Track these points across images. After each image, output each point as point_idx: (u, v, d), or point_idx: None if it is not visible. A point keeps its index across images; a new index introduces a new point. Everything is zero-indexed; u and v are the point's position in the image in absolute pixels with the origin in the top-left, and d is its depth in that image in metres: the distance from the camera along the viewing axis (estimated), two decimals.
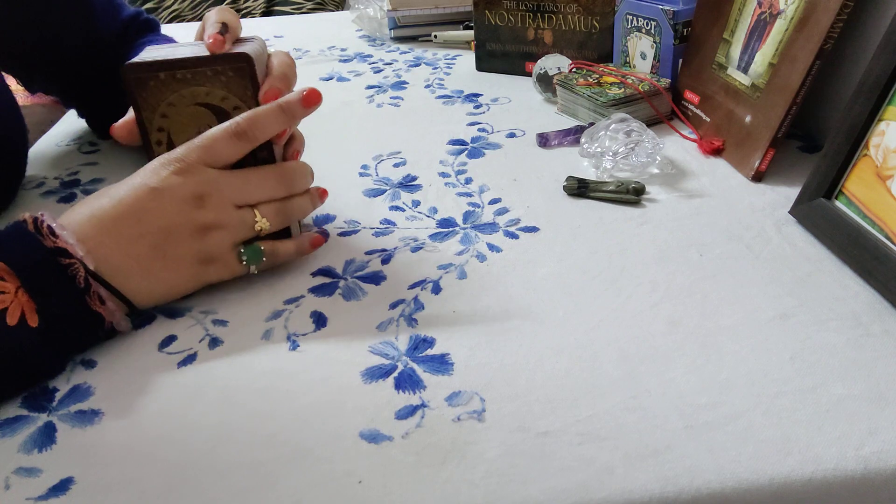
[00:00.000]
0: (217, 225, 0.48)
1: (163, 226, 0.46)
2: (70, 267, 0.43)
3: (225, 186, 0.48)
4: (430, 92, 0.93)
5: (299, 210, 0.53)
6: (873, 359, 0.43)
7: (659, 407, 0.40)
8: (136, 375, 0.44)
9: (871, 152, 0.52)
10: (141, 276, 0.47)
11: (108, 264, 0.45)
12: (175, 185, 0.47)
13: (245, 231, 0.50)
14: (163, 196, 0.46)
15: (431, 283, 0.52)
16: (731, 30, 0.72)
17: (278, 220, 0.51)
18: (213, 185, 0.48)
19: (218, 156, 0.48)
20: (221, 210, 0.48)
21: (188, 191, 0.47)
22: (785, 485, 0.35)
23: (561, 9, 0.90)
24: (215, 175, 0.48)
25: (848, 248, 0.52)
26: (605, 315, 0.48)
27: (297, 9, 1.96)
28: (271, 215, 0.51)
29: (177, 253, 0.47)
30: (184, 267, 0.48)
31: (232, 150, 0.49)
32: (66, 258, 0.43)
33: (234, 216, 0.49)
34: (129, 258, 0.46)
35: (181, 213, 0.47)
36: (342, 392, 0.42)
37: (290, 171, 0.52)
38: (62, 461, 0.38)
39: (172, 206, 0.47)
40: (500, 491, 0.35)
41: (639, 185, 0.62)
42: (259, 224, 0.50)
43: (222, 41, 0.50)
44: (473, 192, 0.65)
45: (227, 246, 0.49)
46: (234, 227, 0.49)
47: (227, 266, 0.50)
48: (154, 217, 0.46)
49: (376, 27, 1.20)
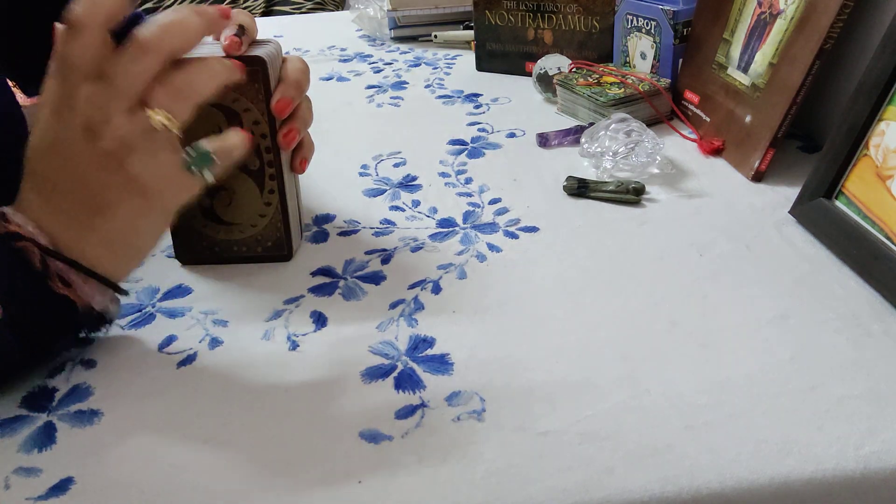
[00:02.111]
0: (121, 146, 0.41)
1: (77, 179, 0.41)
2: (23, 250, 0.40)
3: (100, 98, 0.41)
4: (430, 92, 0.93)
5: (200, 74, 0.43)
6: (873, 359, 0.43)
7: (659, 407, 0.40)
8: (136, 375, 0.44)
9: (871, 152, 0.52)
10: (94, 240, 0.43)
11: (62, 238, 0.42)
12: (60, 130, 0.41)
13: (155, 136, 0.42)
14: (58, 149, 0.41)
15: (431, 283, 0.52)
16: (731, 30, 0.72)
17: (179, 102, 0.42)
18: (90, 104, 0.41)
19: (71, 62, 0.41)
20: (115, 127, 0.41)
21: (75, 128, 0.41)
22: (785, 485, 0.35)
23: (561, 9, 0.90)
24: (87, 91, 0.41)
25: (848, 247, 0.52)
26: (605, 315, 0.48)
27: (296, 9, 1.97)
28: (163, 100, 0.41)
29: (108, 198, 0.42)
30: (127, 211, 0.43)
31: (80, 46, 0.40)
32: (19, 241, 0.40)
33: (131, 126, 0.41)
34: (73, 226, 0.42)
35: (82, 155, 0.41)
36: (342, 392, 0.42)
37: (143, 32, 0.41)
38: (62, 461, 0.38)
39: (72, 154, 0.41)
40: (500, 491, 0.35)
41: (639, 185, 0.62)
42: (158, 119, 0.41)
43: (239, 43, 0.49)
44: (473, 192, 0.65)
45: (152, 162, 0.42)
46: (137, 138, 0.41)
47: (170, 185, 0.43)
48: (66, 174, 0.42)
49: (376, 27, 1.20)
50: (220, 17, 0.44)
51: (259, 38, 0.53)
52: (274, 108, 0.50)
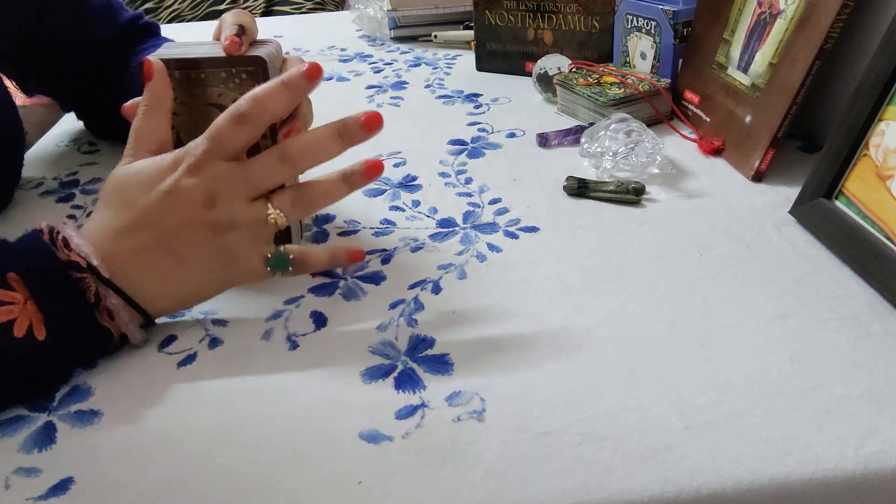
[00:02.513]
0: (230, 223, 0.46)
1: (177, 229, 0.45)
2: (81, 281, 0.43)
3: (231, 179, 0.46)
4: (430, 92, 0.93)
5: (321, 195, 0.48)
6: (873, 359, 0.43)
7: (659, 407, 0.40)
8: (136, 375, 0.44)
9: (871, 152, 0.52)
10: (159, 283, 0.46)
11: (123, 272, 0.44)
12: (186, 186, 0.45)
13: (260, 226, 0.46)
14: (175, 199, 0.45)
15: (431, 283, 0.52)
16: (731, 30, 0.72)
17: (295, 208, 0.47)
18: (221, 180, 0.46)
19: (226, 145, 0.46)
20: (233, 206, 0.46)
21: (199, 191, 0.45)
22: (785, 485, 0.35)
23: (561, 9, 0.90)
24: (224, 169, 0.46)
25: (848, 248, 0.52)
26: (605, 315, 0.48)
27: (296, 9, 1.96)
28: (285, 205, 0.47)
29: (193, 255, 0.46)
30: (202, 269, 0.47)
31: (239, 136, 0.46)
32: (77, 271, 0.42)
33: (247, 212, 0.46)
34: (146, 265, 0.45)
35: (194, 215, 0.45)
36: (342, 392, 0.42)
37: (290, 146, 0.47)
38: (62, 461, 0.38)
39: (185, 208, 0.45)
40: (500, 491, 0.35)
41: (639, 185, 0.62)
42: (272, 216, 0.46)
43: (239, 43, 0.49)
44: (473, 192, 0.65)
45: (247, 245, 0.47)
46: (247, 223, 0.46)
47: (249, 268, 0.47)
48: (168, 221, 0.45)
49: (376, 27, 1.20)
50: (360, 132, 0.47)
51: (259, 38, 0.53)
52: None
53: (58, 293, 0.42)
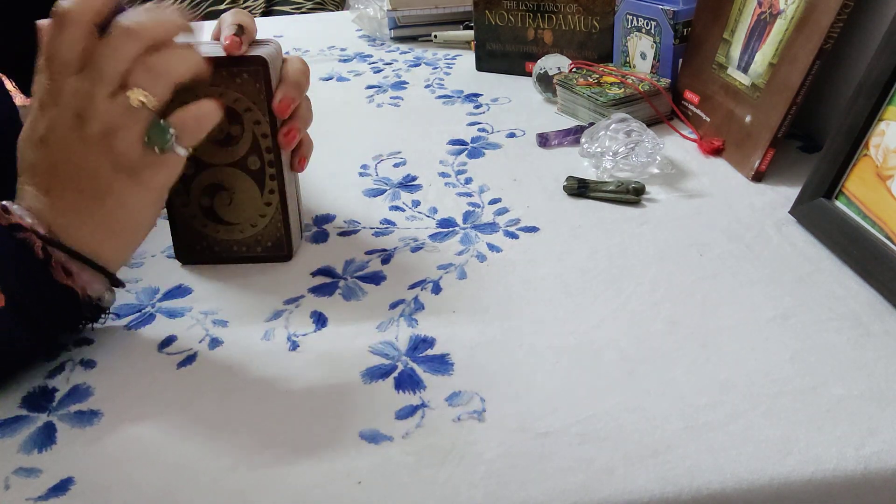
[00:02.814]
0: (106, 128, 0.43)
1: (71, 167, 0.43)
2: (27, 240, 0.41)
3: (84, 86, 0.42)
4: (430, 92, 0.93)
5: (177, 55, 0.44)
6: (873, 359, 0.43)
7: (659, 407, 0.40)
8: (135, 376, 0.44)
9: (871, 152, 0.52)
10: (91, 227, 0.44)
11: (60, 227, 0.43)
12: (52, 120, 0.43)
13: (133, 115, 0.43)
14: (51, 139, 0.43)
15: (431, 283, 0.52)
16: (731, 30, 0.72)
17: (155, 81, 0.43)
18: (76, 93, 0.42)
19: (59, 56, 0.42)
20: (100, 111, 0.42)
21: (65, 115, 0.42)
22: (785, 485, 0.35)
23: (561, 9, 0.90)
24: (73, 82, 0.42)
25: (848, 248, 0.52)
26: (605, 315, 0.48)
27: (296, 9, 1.96)
28: (142, 79, 0.43)
29: (99, 182, 0.43)
30: (116, 192, 0.44)
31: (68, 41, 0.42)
32: (20, 232, 0.41)
33: (113, 109, 0.42)
34: (69, 214, 0.43)
35: (72, 141, 0.43)
36: (342, 392, 0.42)
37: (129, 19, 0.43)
38: (62, 461, 0.38)
39: (63, 140, 0.43)
40: (500, 491, 0.35)
41: (639, 185, 0.62)
42: (133, 97, 0.42)
43: (239, 43, 0.49)
44: (473, 192, 0.65)
45: (135, 143, 0.43)
46: (119, 118, 0.43)
47: (153, 164, 0.44)
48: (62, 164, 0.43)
49: (376, 27, 1.20)
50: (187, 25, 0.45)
51: (259, 38, 0.53)
52: (276, 108, 0.50)
53: (6, 256, 0.41)
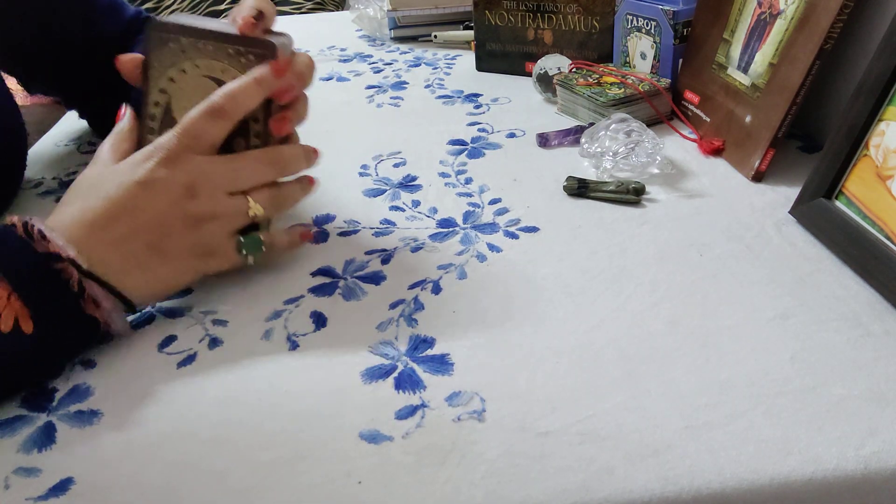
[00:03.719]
0: (211, 215, 0.47)
1: (156, 221, 0.46)
2: (63, 271, 0.42)
3: (214, 173, 0.47)
4: (430, 92, 0.93)
5: (291, 196, 0.52)
6: (873, 359, 0.43)
7: (659, 407, 0.40)
8: (135, 376, 0.44)
9: (871, 152, 0.52)
10: (138, 274, 0.46)
11: (103, 264, 0.44)
12: (163, 177, 0.46)
13: (239, 219, 0.49)
14: (152, 190, 0.45)
15: (431, 283, 0.52)
16: (731, 30, 0.72)
17: (272, 205, 0.50)
18: (202, 173, 0.47)
19: (200, 138, 0.47)
20: (214, 199, 0.47)
21: (178, 182, 0.46)
22: (785, 485, 0.35)
23: (561, 9, 0.90)
24: (203, 162, 0.47)
25: (848, 248, 0.52)
26: (605, 315, 0.48)
27: (297, 9, 1.96)
28: (264, 201, 0.49)
29: (173, 247, 0.47)
30: (181, 260, 0.48)
31: (213, 130, 0.47)
32: (58, 262, 0.42)
33: (228, 204, 0.48)
34: (124, 256, 0.45)
35: (173, 206, 0.46)
36: (342, 392, 0.42)
37: (281, 153, 0.51)
38: (62, 461, 0.38)
39: (164, 200, 0.46)
40: (500, 491, 0.35)
41: (639, 185, 0.62)
42: (252, 210, 0.49)
43: (253, 24, 0.49)
44: (473, 192, 0.65)
45: (224, 235, 0.49)
46: (228, 215, 0.48)
47: (224, 256, 0.49)
48: (145, 213, 0.45)
49: (376, 27, 1.20)
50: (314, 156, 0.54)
51: (275, 30, 0.53)
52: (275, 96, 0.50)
53: (41, 285, 0.42)
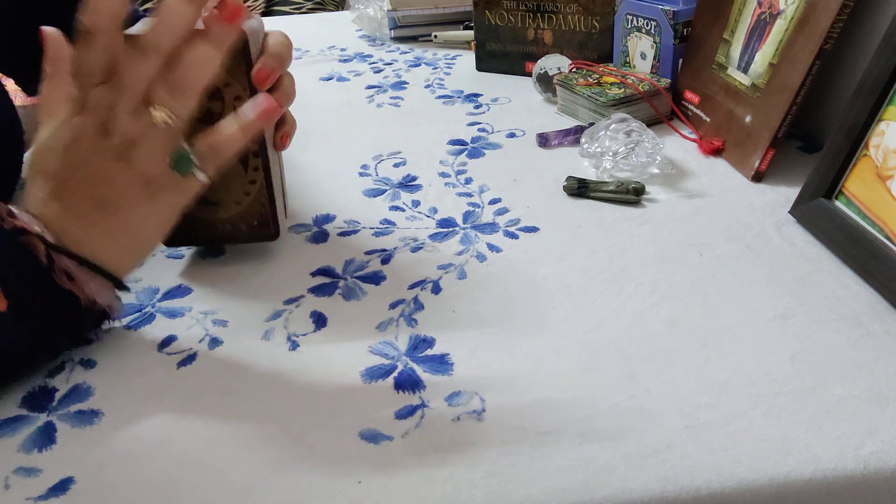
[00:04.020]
0: (128, 143, 0.43)
1: (88, 175, 0.43)
2: (30, 245, 0.41)
3: (109, 99, 0.42)
4: (430, 92, 0.93)
5: (194, 67, 0.43)
6: (873, 359, 0.43)
7: (659, 407, 0.40)
8: (135, 375, 0.44)
9: (871, 152, 0.52)
10: (98, 236, 0.44)
11: (68, 235, 0.43)
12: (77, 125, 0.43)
13: (157, 133, 0.43)
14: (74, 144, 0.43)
15: (431, 283, 0.52)
16: (731, 30, 0.72)
17: (178, 98, 0.43)
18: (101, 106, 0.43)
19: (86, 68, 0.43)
20: (122, 125, 0.43)
21: (89, 125, 0.43)
22: (785, 485, 0.35)
23: (561, 9, 0.90)
24: (99, 93, 0.43)
25: (848, 248, 0.52)
26: (605, 315, 0.48)
27: (296, 9, 1.96)
28: (164, 98, 0.43)
29: (114, 194, 0.44)
30: (131, 206, 0.44)
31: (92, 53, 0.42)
32: (24, 236, 0.41)
33: (136, 124, 0.43)
34: (79, 221, 0.43)
35: (93, 151, 0.43)
36: (342, 392, 0.42)
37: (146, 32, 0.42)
38: (62, 461, 0.38)
39: (83, 149, 0.43)
40: (500, 491, 0.35)
41: (639, 185, 0.62)
42: (157, 115, 0.42)
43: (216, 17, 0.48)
44: (473, 192, 0.65)
45: (156, 159, 0.44)
46: (141, 134, 0.43)
47: (171, 185, 0.45)
48: (78, 171, 0.43)
49: (376, 27, 1.20)
50: None
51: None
52: (254, 77, 0.48)
53: (10, 260, 0.41)
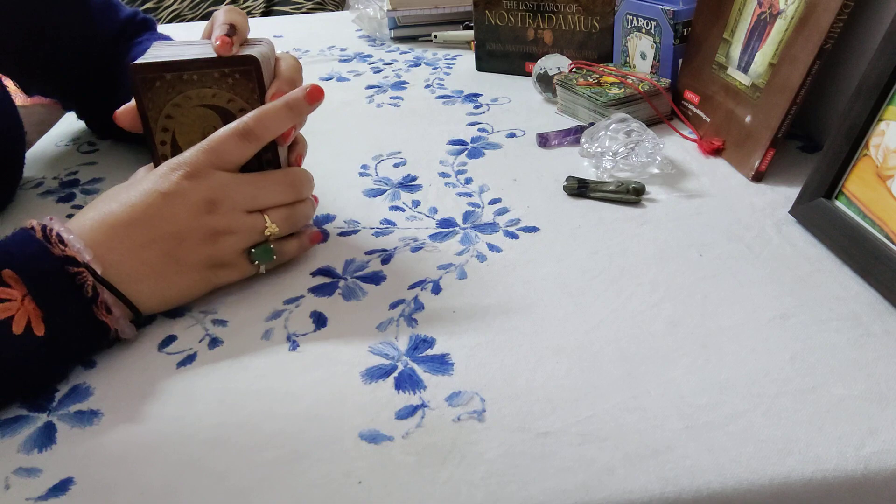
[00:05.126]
0: (228, 230, 0.48)
1: (174, 231, 0.46)
2: (78, 275, 0.43)
3: (235, 191, 0.48)
4: (430, 92, 0.93)
5: (304, 216, 0.54)
6: (873, 359, 0.43)
7: (659, 407, 0.40)
8: (135, 375, 0.44)
9: (871, 152, 0.52)
10: (151, 282, 0.46)
11: (118, 270, 0.45)
12: (186, 189, 0.47)
13: (255, 236, 0.50)
14: (174, 201, 0.46)
15: (431, 283, 0.52)
16: (731, 30, 0.72)
17: (287, 225, 0.52)
18: (223, 189, 0.48)
19: (226, 157, 0.48)
20: (233, 215, 0.48)
21: (200, 196, 0.47)
22: (785, 485, 0.35)
23: (561, 9, 0.90)
24: (226, 179, 0.48)
25: (848, 248, 0.52)
26: (605, 315, 0.48)
27: (296, 9, 1.96)
28: (280, 221, 0.51)
29: (188, 258, 0.47)
30: (194, 272, 0.48)
31: (239, 151, 0.49)
32: (74, 266, 0.43)
33: (246, 221, 0.49)
34: (139, 264, 0.46)
35: (193, 219, 0.47)
36: (342, 392, 0.42)
37: (298, 176, 0.52)
38: (62, 461, 0.38)
39: (184, 212, 0.47)
40: (500, 491, 0.35)
41: (639, 185, 0.62)
42: (269, 229, 0.50)
43: (230, 43, 0.49)
44: (473, 192, 0.65)
45: (238, 250, 0.50)
46: (245, 232, 0.49)
47: (236, 268, 0.51)
48: (166, 223, 0.46)
49: (376, 27, 1.20)
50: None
51: (251, 38, 0.53)
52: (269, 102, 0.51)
53: (56, 289, 0.42)
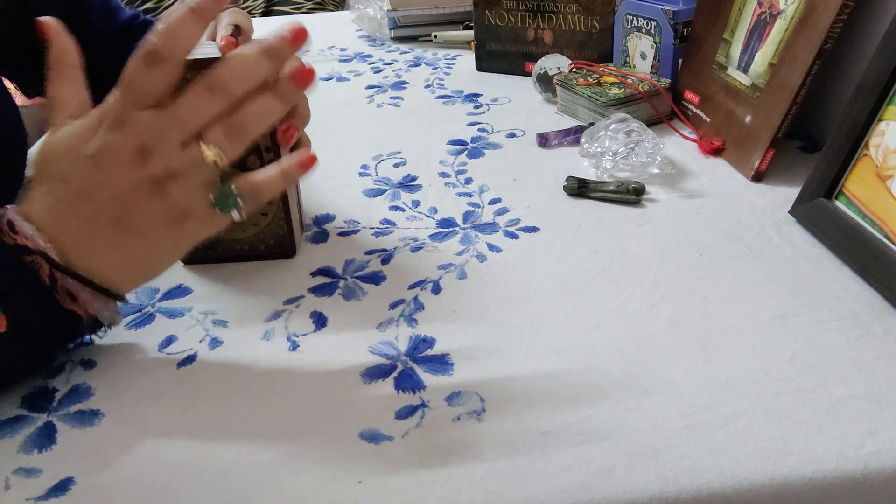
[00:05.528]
0: (169, 173, 0.41)
1: (115, 195, 0.41)
2: (33, 263, 0.40)
3: (159, 127, 0.41)
4: (430, 92, 0.93)
5: (256, 117, 0.43)
6: (873, 359, 0.43)
7: (659, 407, 0.40)
8: (135, 375, 0.44)
9: (871, 152, 0.52)
10: (113, 257, 0.42)
11: (77, 252, 0.41)
12: (112, 144, 0.41)
13: (201, 170, 0.42)
14: (103, 162, 0.41)
15: (431, 283, 0.52)
16: (731, 30, 0.72)
17: (232, 142, 0.42)
18: (148, 130, 0.41)
19: (143, 90, 0.41)
20: (167, 155, 0.41)
21: (128, 147, 0.41)
22: (785, 485, 0.35)
23: (561, 9, 0.90)
24: (147, 117, 0.41)
25: (848, 248, 0.52)
26: (605, 315, 0.48)
27: (296, 9, 1.96)
28: (219, 138, 0.42)
29: (141, 221, 0.42)
30: (154, 232, 0.43)
31: (154, 78, 0.41)
32: (28, 255, 0.40)
33: (182, 157, 0.42)
34: (94, 240, 0.42)
35: (128, 175, 0.41)
36: (342, 392, 0.42)
37: (216, 73, 0.42)
38: (62, 461, 0.38)
39: (117, 169, 0.41)
40: (500, 491, 0.35)
41: (639, 185, 0.62)
42: (208, 156, 0.42)
43: (235, 44, 0.48)
44: (473, 192, 0.65)
45: (192, 194, 0.42)
46: (186, 169, 0.42)
47: (201, 218, 0.43)
48: (103, 189, 0.41)
49: (376, 27, 1.20)
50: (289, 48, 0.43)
51: (256, 39, 0.53)
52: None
53: (12, 280, 0.40)
